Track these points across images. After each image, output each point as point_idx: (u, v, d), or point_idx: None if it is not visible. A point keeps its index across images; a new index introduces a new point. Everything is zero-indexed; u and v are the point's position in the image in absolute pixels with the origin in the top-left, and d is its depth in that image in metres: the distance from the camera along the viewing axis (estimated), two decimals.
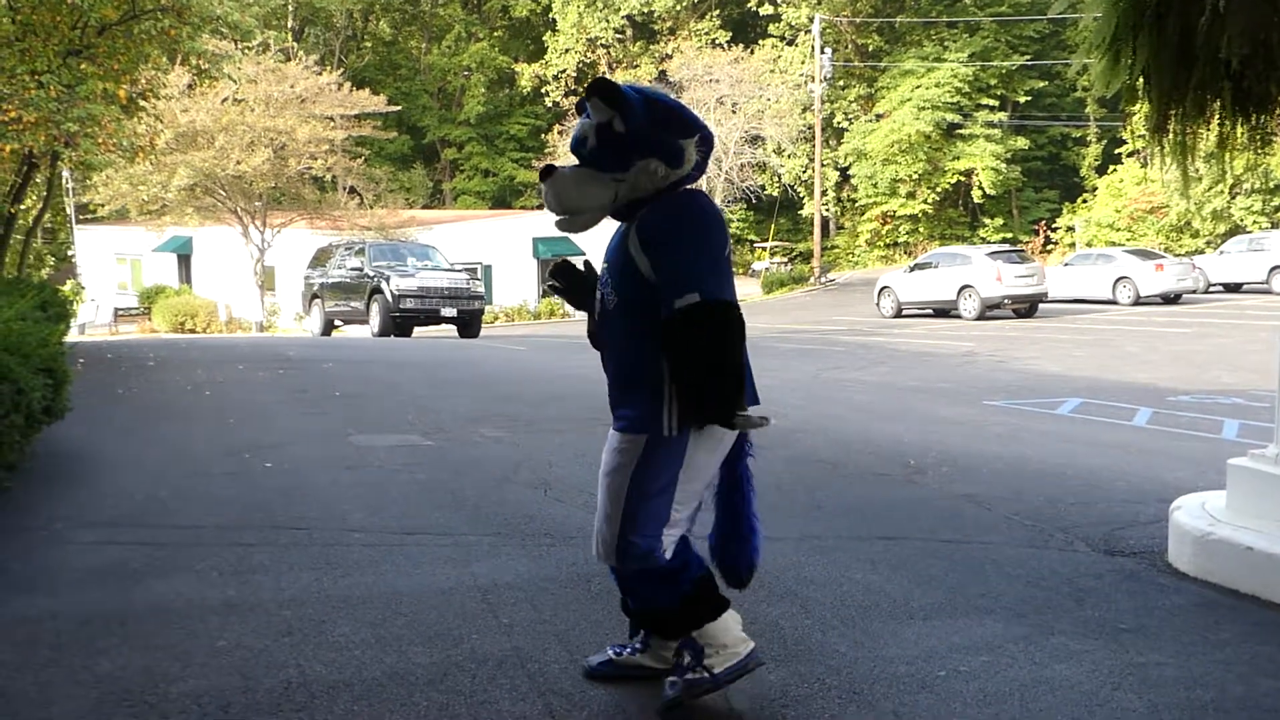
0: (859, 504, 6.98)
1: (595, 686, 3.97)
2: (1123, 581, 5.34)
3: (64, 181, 27.80)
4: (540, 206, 49.59)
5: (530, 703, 3.83)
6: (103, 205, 35.08)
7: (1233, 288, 33.42)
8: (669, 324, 3.46)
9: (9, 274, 18.42)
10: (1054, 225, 50.04)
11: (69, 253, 40.69)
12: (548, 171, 3.73)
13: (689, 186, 3.74)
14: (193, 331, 33.38)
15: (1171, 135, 5.00)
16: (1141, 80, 4.89)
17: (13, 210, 19.24)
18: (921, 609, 4.91)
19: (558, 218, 3.78)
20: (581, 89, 4.00)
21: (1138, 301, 30.16)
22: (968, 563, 5.67)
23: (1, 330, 7.64)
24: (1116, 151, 47.06)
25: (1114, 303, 30.54)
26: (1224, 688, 4.04)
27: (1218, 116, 4.88)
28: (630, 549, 3.60)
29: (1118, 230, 44.60)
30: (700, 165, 3.73)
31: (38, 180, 20.13)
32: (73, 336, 17.79)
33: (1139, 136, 5.58)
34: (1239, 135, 4.93)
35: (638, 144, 3.57)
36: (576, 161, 3.79)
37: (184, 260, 42.86)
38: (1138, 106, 5.04)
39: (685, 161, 3.65)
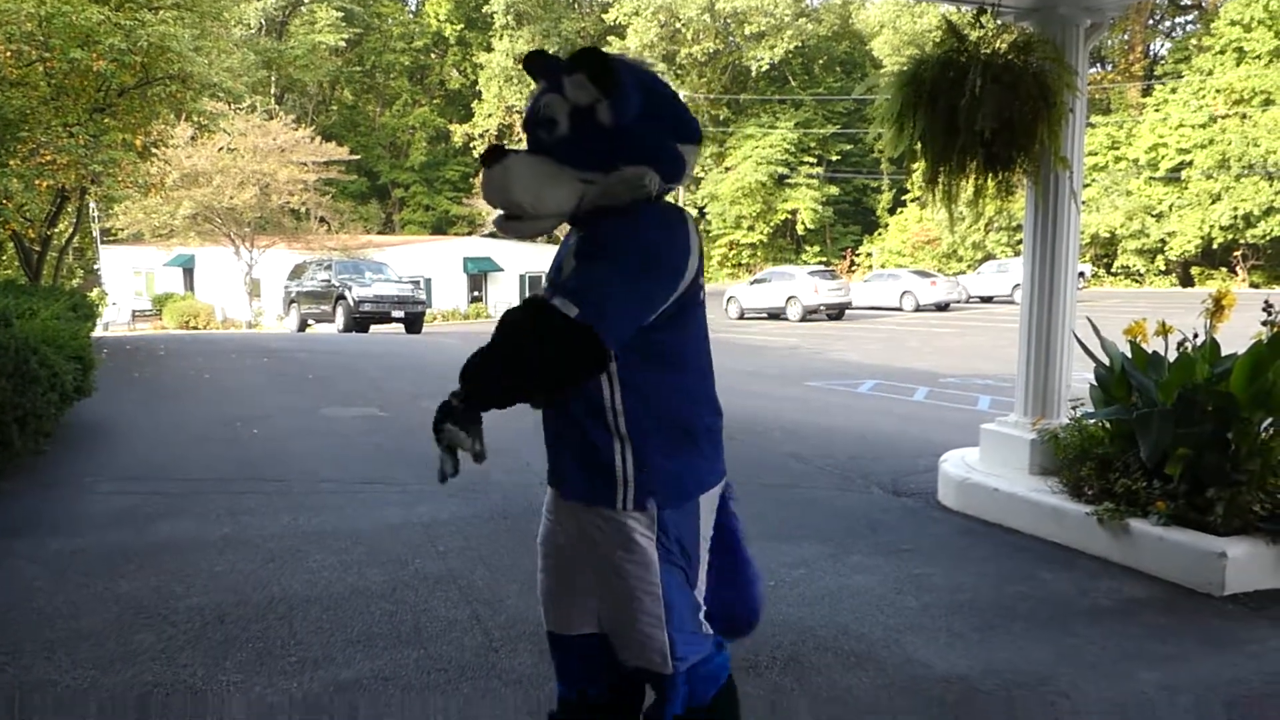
0: None
1: (511, 595, 3.96)
2: (905, 515, 5.46)
3: (90, 210, 26.80)
4: (471, 232, 49.36)
5: (460, 609, 3.81)
6: (122, 229, 34.08)
7: (986, 299, 34.30)
8: (511, 308, 2.06)
9: (46, 283, 17.73)
10: (857, 251, 51.02)
11: (95, 267, 39.10)
12: (496, 154, 2.06)
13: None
14: (195, 329, 32.33)
15: (940, 186, 5.09)
16: (919, 145, 4.99)
17: (49, 232, 18.58)
18: (755, 535, 4.86)
19: (500, 218, 2.12)
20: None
21: (917, 309, 30.77)
22: (790, 502, 5.76)
23: (40, 327, 7.36)
24: (903, 198, 48.02)
25: (900, 310, 31.12)
26: (978, 591, 4.16)
27: (974, 173, 4.99)
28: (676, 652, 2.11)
29: (903, 256, 45.55)
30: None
31: (69, 209, 19.38)
32: (98, 332, 17.15)
33: (918, 187, 5.68)
34: (990, 187, 5.06)
35: (627, 145, 2.04)
36: (527, 145, 2.14)
37: (188, 273, 41.61)
38: (917, 164, 5.13)
39: (685, 173, 2.16)
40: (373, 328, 24.14)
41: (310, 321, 26.06)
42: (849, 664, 3.33)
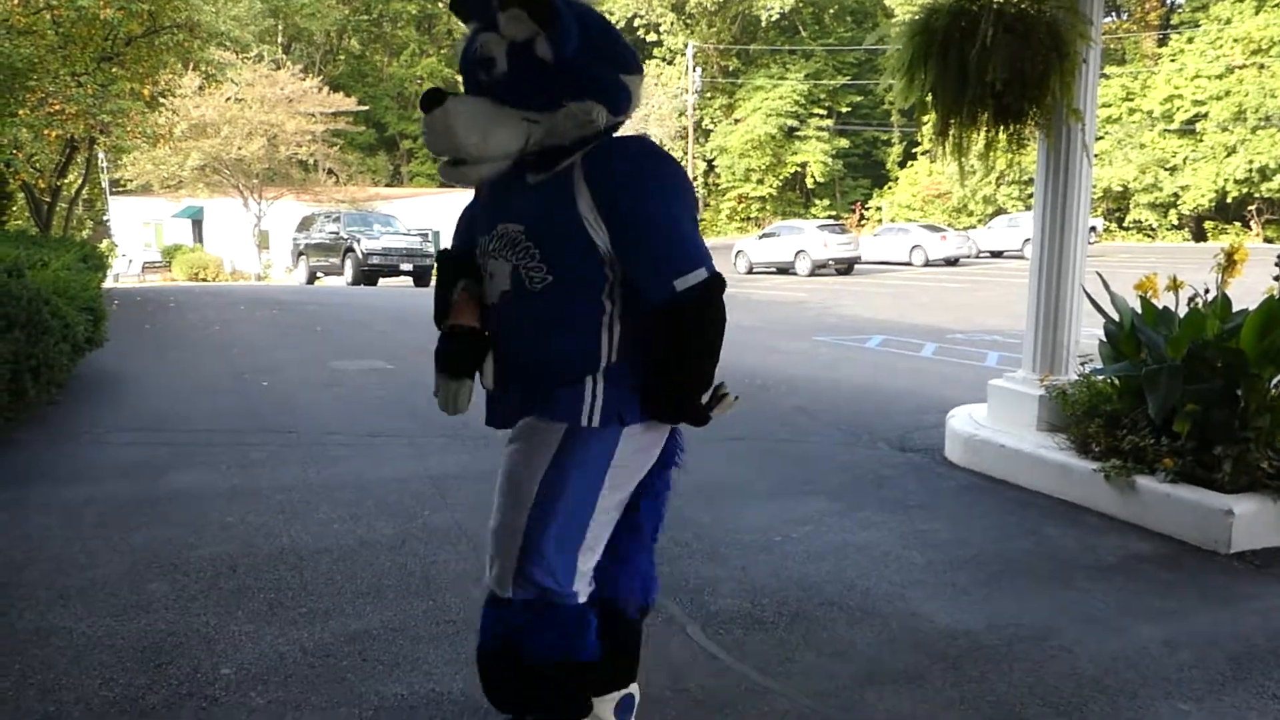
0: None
1: None
2: (912, 470, 5.45)
3: (99, 161, 26.71)
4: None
5: (469, 561, 3.84)
6: (131, 180, 34.06)
7: (996, 254, 34.11)
8: (679, 311, 1.97)
9: (56, 234, 17.75)
10: (867, 205, 50.65)
11: (104, 218, 39.07)
12: (435, 98, 1.99)
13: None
14: (204, 280, 32.34)
15: (951, 139, 5.03)
16: (930, 96, 4.92)
17: (58, 183, 18.59)
18: (762, 491, 4.98)
19: (443, 164, 2.06)
20: None
21: (927, 263, 30.59)
22: (798, 457, 5.77)
23: (51, 277, 7.38)
24: (913, 151, 47.62)
25: (910, 264, 30.94)
26: (982, 546, 4.17)
27: (985, 126, 4.93)
28: (534, 572, 2.10)
29: (914, 210, 45.25)
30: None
31: (78, 160, 19.35)
32: (108, 284, 17.18)
33: (928, 139, 5.61)
34: (1001, 139, 5.00)
35: (570, 79, 1.97)
36: (464, 87, 2.08)
37: (197, 224, 41.53)
38: (927, 117, 5.07)
39: (631, 105, 2.07)
40: (381, 280, 24.13)
41: (319, 274, 26.05)
42: (854, 619, 3.35)
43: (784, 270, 29.13)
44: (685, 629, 3.24)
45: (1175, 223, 40.39)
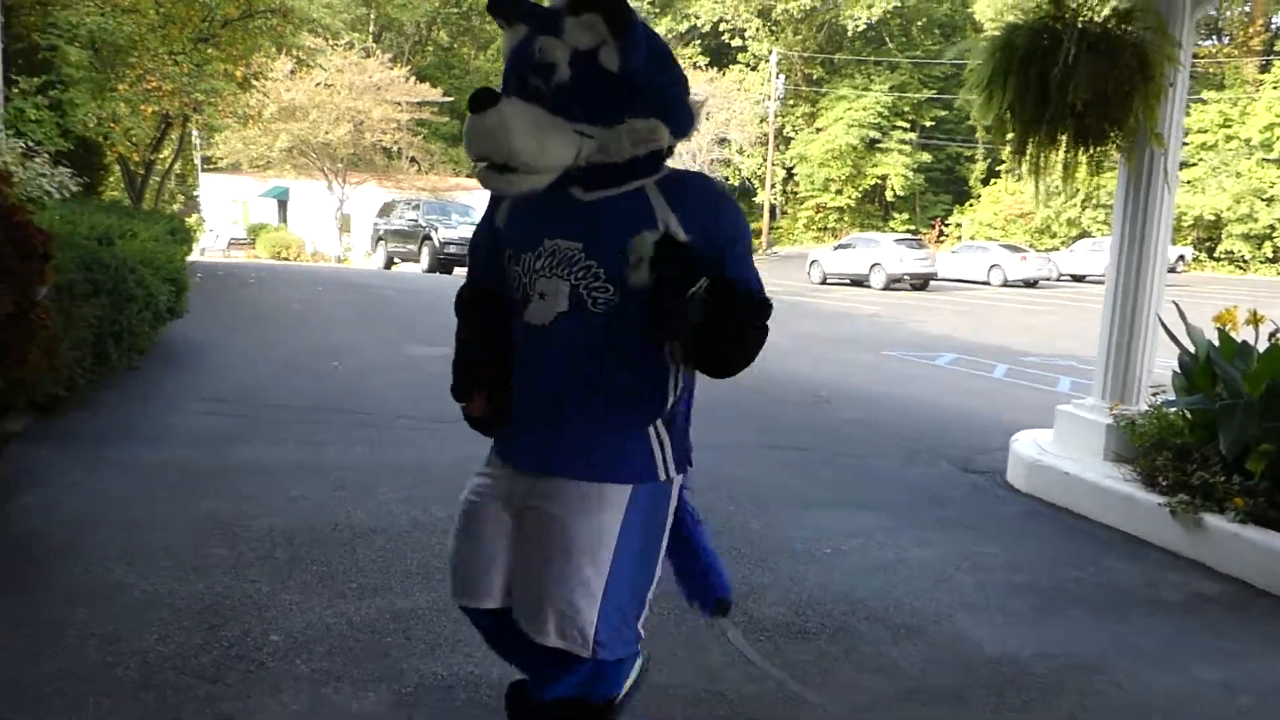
0: (777, 422, 7.00)
1: None
2: (972, 492, 5.38)
3: (192, 138, 27.53)
4: None
5: None
6: (222, 158, 35.01)
7: (1078, 278, 33.35)
8: (746, 296, 1.84)
9: (148, 207, 18.32)
10: (947, 221, 49.91)
11: (195, 194, 40.21)
12: (488, 99, 1.83)
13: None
14: (286, 259, 33.06)
15: (1029, 158, 4.96)
16: (1008, 114, 4.85)
17: (152, 158, 19.21)
18: (816, 502, 4.95)
19: (485, 170, 1.86)
20: None
21: (1005, 283, 30.00)
22: (855, 471, 5.72)
23: (139, 248, 7.62)
24: (997, 168, 46.78)
25: (987, 284, 30.39)
26: (1037, 573, 4.10)
27: (1064, 146, 4.85)
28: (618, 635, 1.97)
29: (995, 229, 44.44)
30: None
31: (172, 136, 19.97)
32: (194, 257, 17.67)
33: (1008, 158, 5.52)
34: (1081, 161, 4.91)
35: (636, 94, 1.84)
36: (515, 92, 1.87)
37: (282, 204, 42.41)
38: (1006, 134, 5.00)
39: (693, 128, 1.95)
40: (456, 269, 24.44)
41: (396, 259, 26.46)
42: (898, 636, 3.32)
43: (858, 282, 28.80)
44: (726, 633, 3.24)
45: (1269, 255, 39.06)
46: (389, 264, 26.50)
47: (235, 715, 2.58)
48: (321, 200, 36.24)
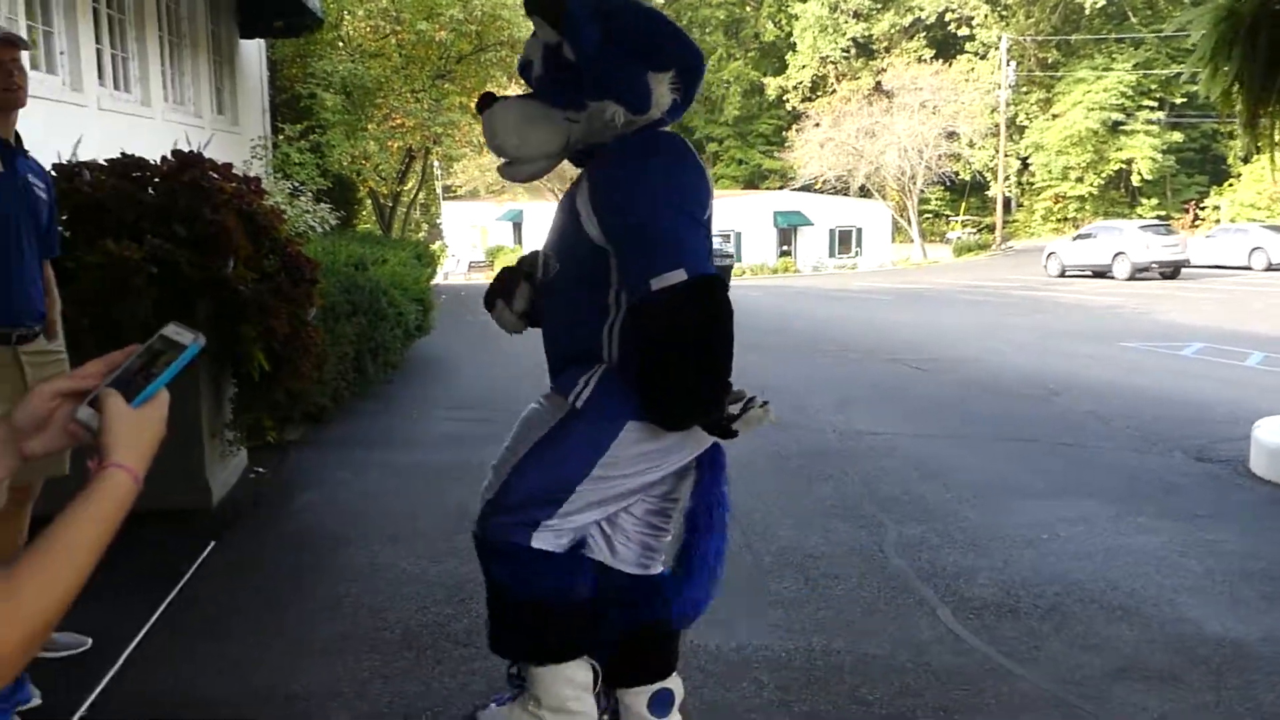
0: (1003, 415, 6.91)
1: (785, 528, 4.20)
2: (1207, 481, 5.18)
3: (433, 169, 29.52)
4: (782, 186, 49.40)
5: (734, 537, 4.09)
6: (461, 186, 37.29)
7: None
8: (645, 311, 1.96)
9: (395, 235, 19.85)
10: (1202, 204, 46.27)
11: (437, 221, 42.97)
12: (486, 102, 2.18)
13: (663, 129, 2.14)
14: None
15: (1264, 131, 4.76)
16: (1235, 86, 4.67)
17: (398, 189, 20.76)
18: (1037, 491, 4.91)
19: (501, 164, 2.24)
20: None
21: (1269, 268, 27.55)
22: (1081, 460, 5.61)
23: (389, 272, 8.38)
24: (1259, 144, 42.94)
25: (1248, 269, 28.02)
26: (1274, 560, 3.94)
27: None
28: (505, 518, 2.32)
29: (1259, 210, 40.82)
30: (682, 101, 2.11)
31: (415, 168, 21.54)
32: (438, 280, 18.99)
33: (1241, 133, 5.25)
34: None
35: (592, 79, 2.03)
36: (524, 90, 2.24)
37: (517, 227, 44.51)
38: (1235, 107, 4.80)
39: (653, 105, 2.05)
40: None
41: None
42: (1113, 616, 3.32)
43: (1100, 274, 27.26)
44: (935, 611, 3.35)
45: None
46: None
47: (484, 672, 2.94)
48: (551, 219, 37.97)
